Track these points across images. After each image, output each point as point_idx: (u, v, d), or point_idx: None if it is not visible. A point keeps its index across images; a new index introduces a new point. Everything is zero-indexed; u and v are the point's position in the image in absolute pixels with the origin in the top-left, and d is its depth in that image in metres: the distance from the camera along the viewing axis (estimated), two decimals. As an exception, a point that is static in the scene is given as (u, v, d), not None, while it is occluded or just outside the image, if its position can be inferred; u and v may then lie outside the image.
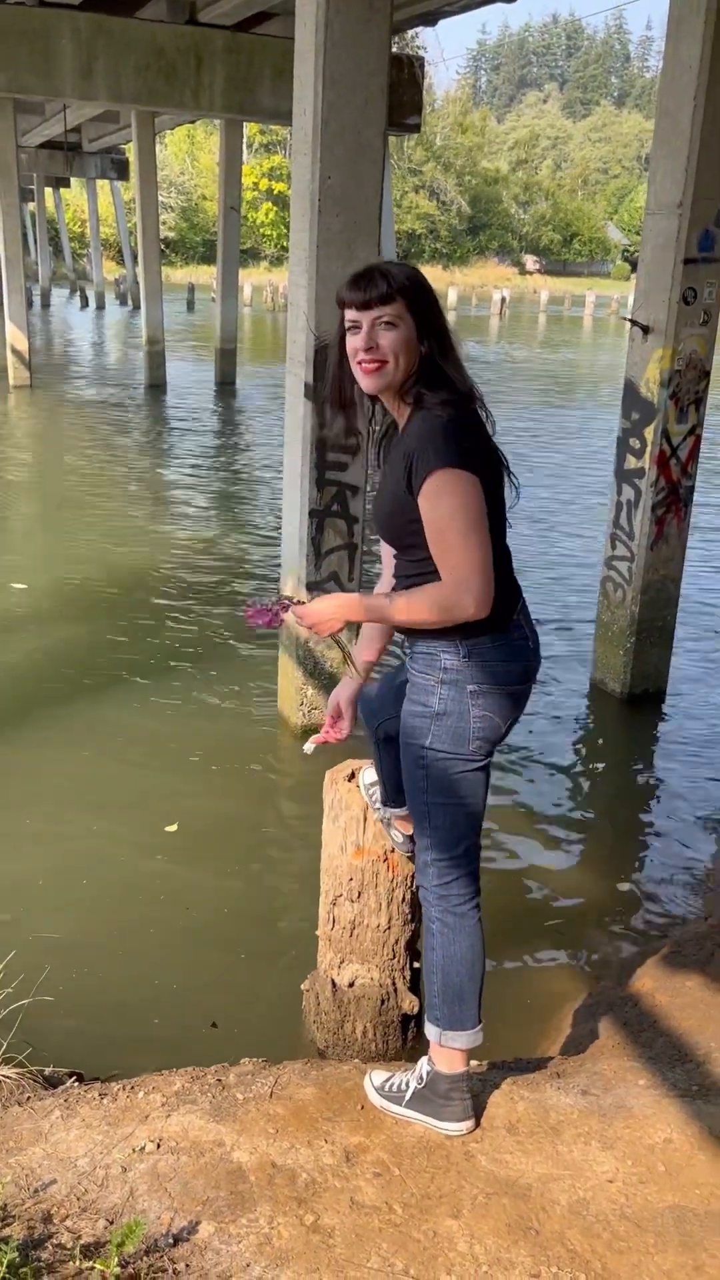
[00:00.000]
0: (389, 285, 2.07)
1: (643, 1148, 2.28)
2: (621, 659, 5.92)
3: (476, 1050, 2.36)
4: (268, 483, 11.58)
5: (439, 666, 2.18)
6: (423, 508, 2.05)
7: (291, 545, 5.22)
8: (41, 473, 11.81)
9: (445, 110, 66.95)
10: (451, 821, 2.25)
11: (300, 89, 4.59)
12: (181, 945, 3.67)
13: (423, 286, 2.12)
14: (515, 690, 2.22)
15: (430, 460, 2.02)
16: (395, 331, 2.08)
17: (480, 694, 2.17)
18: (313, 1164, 2.19)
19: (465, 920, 2.29)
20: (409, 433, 2.11)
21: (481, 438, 2.11)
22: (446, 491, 2.01)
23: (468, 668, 2.16)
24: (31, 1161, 2.19)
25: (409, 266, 2.16)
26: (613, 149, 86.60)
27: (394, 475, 2.13)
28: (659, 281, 5.33)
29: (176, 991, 3.44)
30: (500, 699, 2.19)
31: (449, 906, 2.29)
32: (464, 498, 2.01)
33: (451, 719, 2.18)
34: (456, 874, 2.28)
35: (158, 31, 14.82)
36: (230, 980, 3.51)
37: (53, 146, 29.65)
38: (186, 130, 54.81)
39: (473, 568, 2.01)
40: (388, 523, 2.21)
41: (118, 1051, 3.07)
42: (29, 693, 5.72)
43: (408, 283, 2.10)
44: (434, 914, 2.32)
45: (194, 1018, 3.31)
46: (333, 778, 2.91)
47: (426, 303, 2.11)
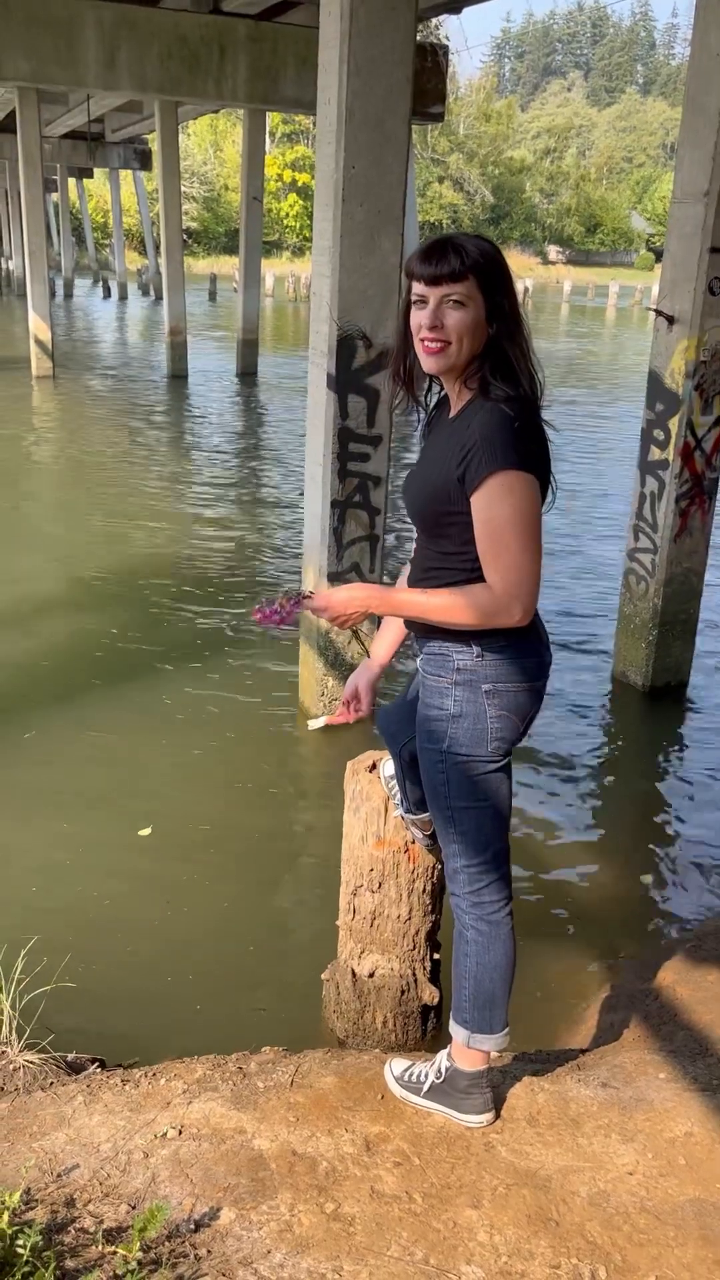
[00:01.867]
0: (462, 262, 1.96)
1: (663, 1140, 2.28)
2: (644, 652, 5.89)
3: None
4: (289, 473, 11.58)
5: (452, 667, 2.12)
6: (477, 505, 1.97)
7: (313, 536, 5.22)
8: (64, 462, 11.85)
9: (469, 99, 66.61)
10: (477, 825, 2.21)
11: (325, 78, 4.57)
12: (202, 934, 3.69)
13: (498, 265, 2.00)
14: (531, 687, 2.16)
15: (496, 458, 1.93)
16: (463, 312, 1.98)
17: (496, 693, 2.12)
18: (333, 1152, 2.20)
19: (499, 928, 2.26)
20: (469, 422, 2.00)
21: (543, 438, 2.03)
22: (509, 493, 1.93)
23: (481, 667, 2.10)
24: (55, 1146, 2.21)
25: (486, 241, 2.03)
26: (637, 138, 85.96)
27: (442, 461, 2.04)
28: (685, 271, 5.28)
29: (197, 979, 3.45)
30: (516, 697, 2.14)
31: (483, 914, 2.26)
32: (525, 502, 1.94)
33: (468, 720, 2.13)
34: (488, 879, 2.24)
35: (181, 20, 14.82)
36: (250, 969, 3.53)
37: (76, 137, 29.72)
38: (209, 120, 54.82)
39: (526, 575, 1.95)
40: (423, 508, 2.12)
41: (138, 1039, 3.08)
42: (52, 681, 5.75)
43: (481, 259, 1.98)
44: (468, 921, 2.28)
45: (214, 1005, 3.33)
46: (354, 769, 2.91)
47: (500, 283, 2.00)
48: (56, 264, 39.13)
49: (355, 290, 4.70)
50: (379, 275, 4.71)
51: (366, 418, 4.93)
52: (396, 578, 2.41)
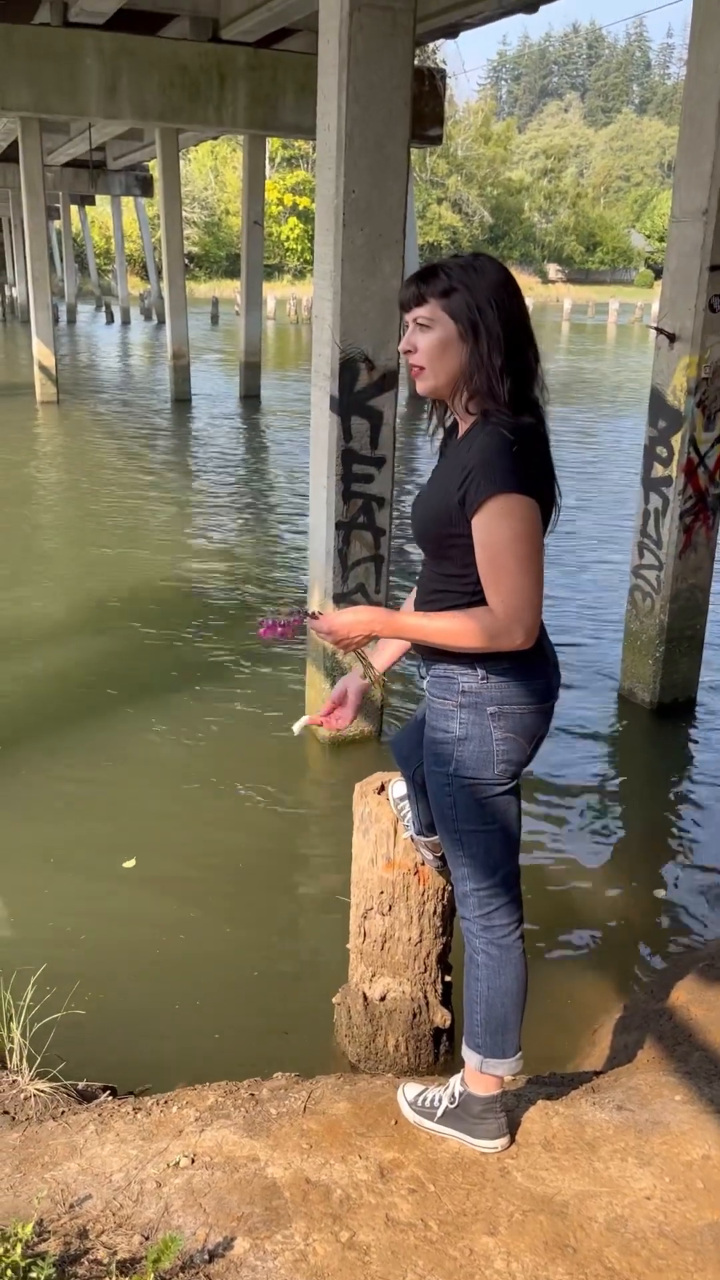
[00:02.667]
0: (418, 287, 2.00)
1: (680, 1164, 2.25)
2: (650, 668, 5.88)
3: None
4: (294, 494, 11.62)
5: (457, 689, 2.12)
6: (477, 529, 1.96)
7: (318, 557, 5.23)
8: (68, 487, 11.90)
9: (467, 121, 67.18)
10: (486, 848, 2.20)
11: (324, 104, 4.61)
12: (211, 959, 3.68)
13: (473, 284, 1.98)
14: (538, 708, 2.15)
15: (494, 481, 1.92)
16: (428, 335, 2.00)
17: (502, 715, 2.11)
18: (347, 1180, 2.18)
19: (510, 952, 2.24)
20: (471, 444, 2.00)
21: (546, 461, 2.02)
22: (508, 516, 1.92)
23: (486, 689, 2.10)
24: (67, 1177, 2.19)
25: (477, 260, 2.02)
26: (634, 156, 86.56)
27: (445, 484, 2.04)
28: (685, 289, 5.31)
29: (207, 1005, 3.44)
30: (522, 719, 2.13)
31: (494, 938, 2.24)
32: (525, 525, 1.93)
33: (474, 743, 2.12)
34: (498, 902, 2.23)
35: (181, 49, 14.99)
36: (261, 993, 3.51)
37: (78, 165, 30.00)
38: (210, 146, 55.30)
39: (527, 599, 1.94)
40: (426, 530, 2.12)
41: (150, 1066, 3.07)
42: (55, 706, 5.76)
43: (449, 283, 1.98)
44: (479, 945, 2.26)
45: (225, 1031, 3.31)
46: (362, 790, 2.90)
47: (478, 303, 1.97)
48: (60, 290, 39.45)
49: (357, 313, 4.72)
50: (380, 298, 4.74)
51: (370, 439, 4.95)
52: (403, 600, 2.42)
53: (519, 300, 2.03)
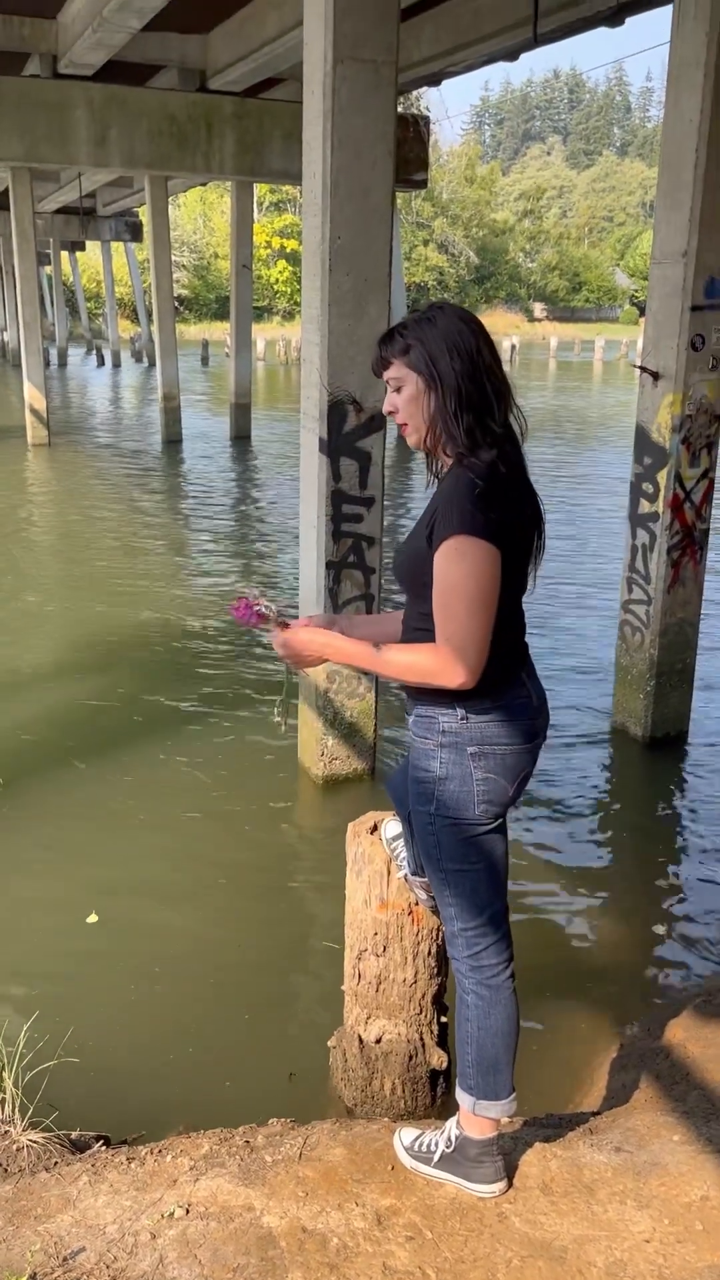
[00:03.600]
0: (380, 351, 2.09)
1: (679, 1206, 2.23)
2: (642, 703, 5.90)
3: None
4: (284, 534, 11.67)
5: (437, 729, 2.14)
6: (435, 566, 1.99)
7: (309, 596, 5.25)
8: (61, 529, 11.95)
9: (451, 165, 68.26)
10: (471, 888, 2.20)
11: (310, 153, 4.70)
12: (205, 1003, 3.65)
13: (425, 339, 2.03)
14: (520, 749, 2.16)
15: (452, 523, 1.96)
16: (402, 394, 2.08)
17: (482, 756, 2.12)
18: (344, 1228, 2.16)
19: (500, 992, 2.24)
20: (440, 488, 2.06)
21: (513, 501, 2.04)
22: (461, 558, 1.95)
23: (466, 729, 2.11)
24: (60, 1229, 2.17)
25: (425, 315, 2.07)
26: (617, 197, 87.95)
27: (420, 526, 2.09)
28: (667, 329, 5.39)
29: (202, 1049, 3.40)
30: (504, 759, 2.14)
31: (483, 978, 2.24)
32: (477, 567, 1.95)
33: (454, 783, 2.14)
34: (486, 942, 2.23)
35: (169, 99, 15.25)
36: (256, 1037, 3.48)
37: (68, 212, 30.43)
38: (198, 192, 56.04)
39: (470, 640, 1.96)
40: (404, 569, 2.17)
41: (144, 1112, 3.03)
42: (47, 748, 5.74)
43: (405, 341, 2.04)
44: (468, 985, 2.26)
45: (220, 1076, 3.28)
46: (355, 830, 2.90)
47: (435, 353, 2.02)
48: (51, 334, 39.78)
49: (344, 356, 4.78)
50: (367, 342, 4.80)
51: (359, 480, 5.00)
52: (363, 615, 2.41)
53: (479, 339, 2.06)
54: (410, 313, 2.15)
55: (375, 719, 5.37)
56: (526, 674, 2.19)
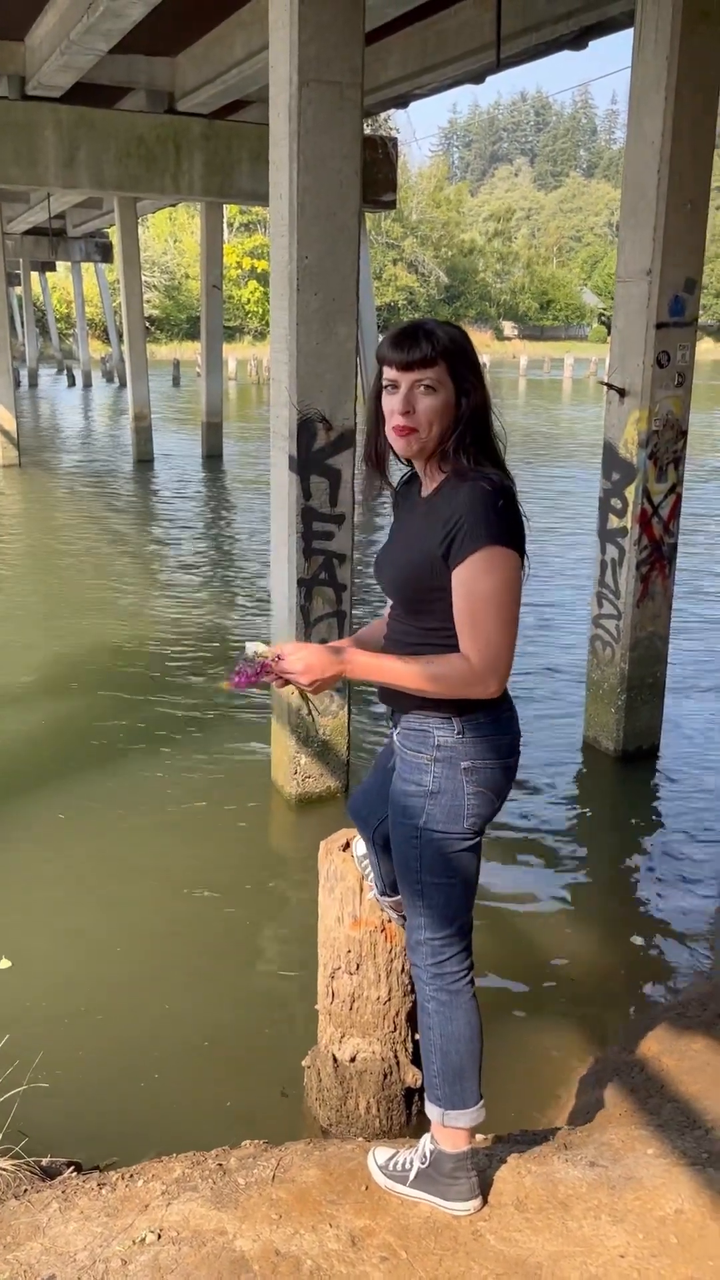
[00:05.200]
0: (433, 348, 1.99)
1: (654, 1220, 2.23)
2: (613, 716, 5.93)
3: (481, 1124, 2.32)
4: (256, 553, 11.67)
5: (432, 744, 2.13)
6: (459, 579, 1.98)
7: (280, 614, 5.25)
8: (32, 550, 11.88)
9: (419, 186, 68.86)
10: (445, 899, 2.21)
11: (276, 174, 4.73)
12: (177, 1025, 3.61)
13: (465, 351, 2.04)
14: (507, 764, 2.18)
15: (481, 535, 1.95)
16: (434, 397, 2.01)
17: (475, 770, 2.13)
18: (317, 1250, 2.14)
19: (460, 997, 2.25)
20: (451, 500, 2.02)
21: (521, 517, 2.05)
22: (493, 569, 1.96)
23: (462, 744, 2.12)
24: (30, 1257, 2.13)
25: (454, 327, 2.06)
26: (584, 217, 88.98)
27: (422, 539, 2.05)
28: (633, 346, 5.45)
29: (175, 1072, 3.37)
30: (493, 774, 2.16)
31: (443, 985, 2.25)
32: (509, 577, 1.97)
33: (446, 797, 2.14)
34: (450, 951, 2.24)
35: (137, 121, 15.30)
36: (229, 1058, 3.45)
37: (38, 233, 30.43)
38: (167, 212, 56.20)
39: (502, 649, 1.98)
40: (404, 583, 2.12)
41: (116, 1138, 3.00)
42: (15, 768, 5.69)
43: (451, 345, 2.01)
44: (429, 993, 2.27)
45: (193, 1099, 3.24)
46: (327, 848, 2.89)
47: (468, 367, 2.03)
48: (21, 354, 39.68)
49: (313, 375, 4.80)
50: (335, 360, 4.82)
51: (329, 497, 5.01)
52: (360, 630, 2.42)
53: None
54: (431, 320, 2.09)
55: (348, 737, 5.37)
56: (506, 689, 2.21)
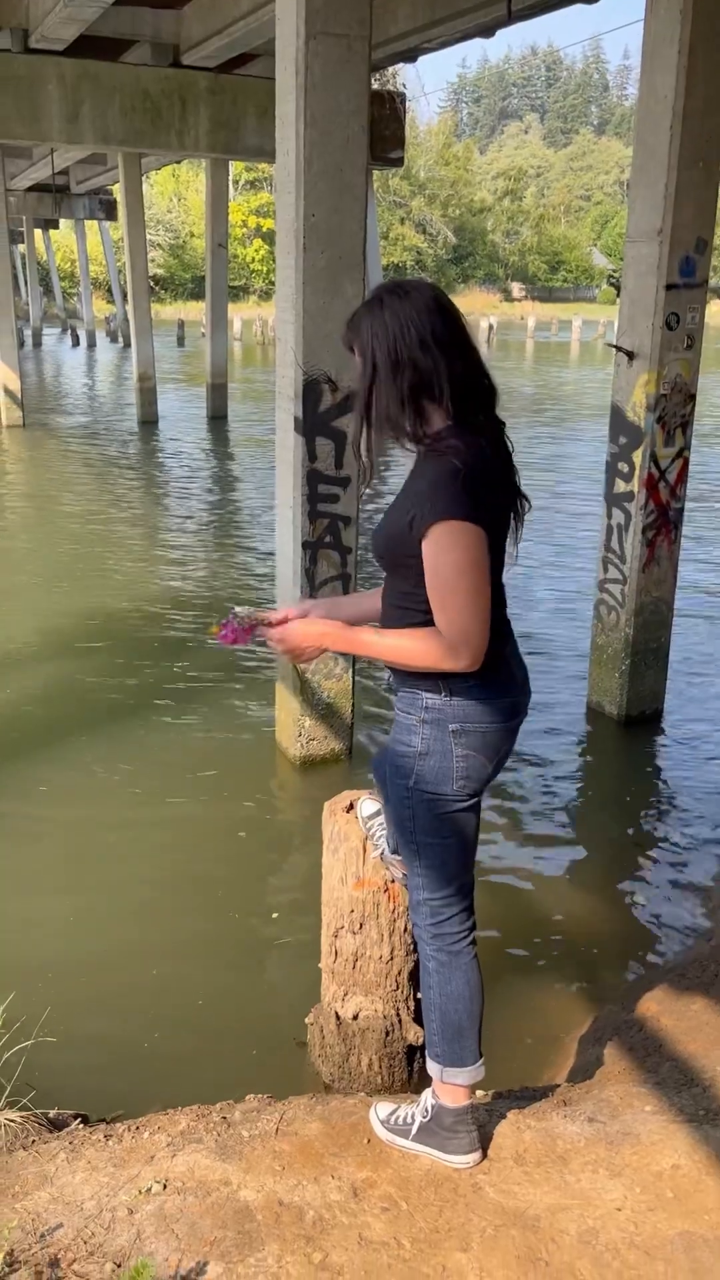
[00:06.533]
0: (349, 337, 2.07)
1: (650, 1174, 2.27)
2: (617, 681, 5.94)
3: (481, 1081, 2.35)
4: (261, 515, 11.64)
5: (421, 705, 2.15)
6: (425, 554, 2.00)
7: (285, 577, 5.25)
8: (36, 512, 11.86)
9: (427, 144, 67.83)
10: (441, 860, 2.23)
11: (282, 129, 4.66)
12: (182, 981, 3.66)
13: (357, 327, 2.04)
14: (501, 727, 2.18)
15: (438, 509, 1.96)
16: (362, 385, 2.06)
17: (463, 733, 2.14)
18: (320, 1200, 2.18)
19: (460, 958, 2.28)
20: (420, 472, 2.05)
21: (494, 482, 2.04)
22: (451, 544, 1.96)
23: (449, 707, 2.13)
24: (37, 1206, 2.18)
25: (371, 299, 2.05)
26: (594, 176, 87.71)
27: (401, 509, 2.07)
28: (642, 307, 5.39)
29: (179, 1028, 3.42)
30: (485, 737, 2.16)
31: (443, 945, 2.28)
32: (468, 551, 1.96)
33: (434, 758, 2.16)
34: (449, 912, 2.27)
35: (142, 75, 15.05)
36: (232, 1015, 3.50)
37: (41, 189, 30.01)
38: (171, 169, 55.49)
39: (471, 622, 1.98)
40: (382, 550, 2.16)
41: (122, 1092, 3.04)
42: (22, 730, 5.72)
43: (350, 328, 2.06)
44: (429, 952, 2.31)
45: (198, 1054, 3.29)
46: (331, 809, 2.91)
47: (371, 337, 2.01)
48: (25, 313, 39.33)
49: (319, 335, 4.76)
50: (342, 320, 4.72)
51: (334, 459, 4.98)
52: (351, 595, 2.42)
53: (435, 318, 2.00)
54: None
55: (353, 700, 5.38)
56: (510, 651, 2.21)
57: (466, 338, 2.05)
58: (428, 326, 1.99)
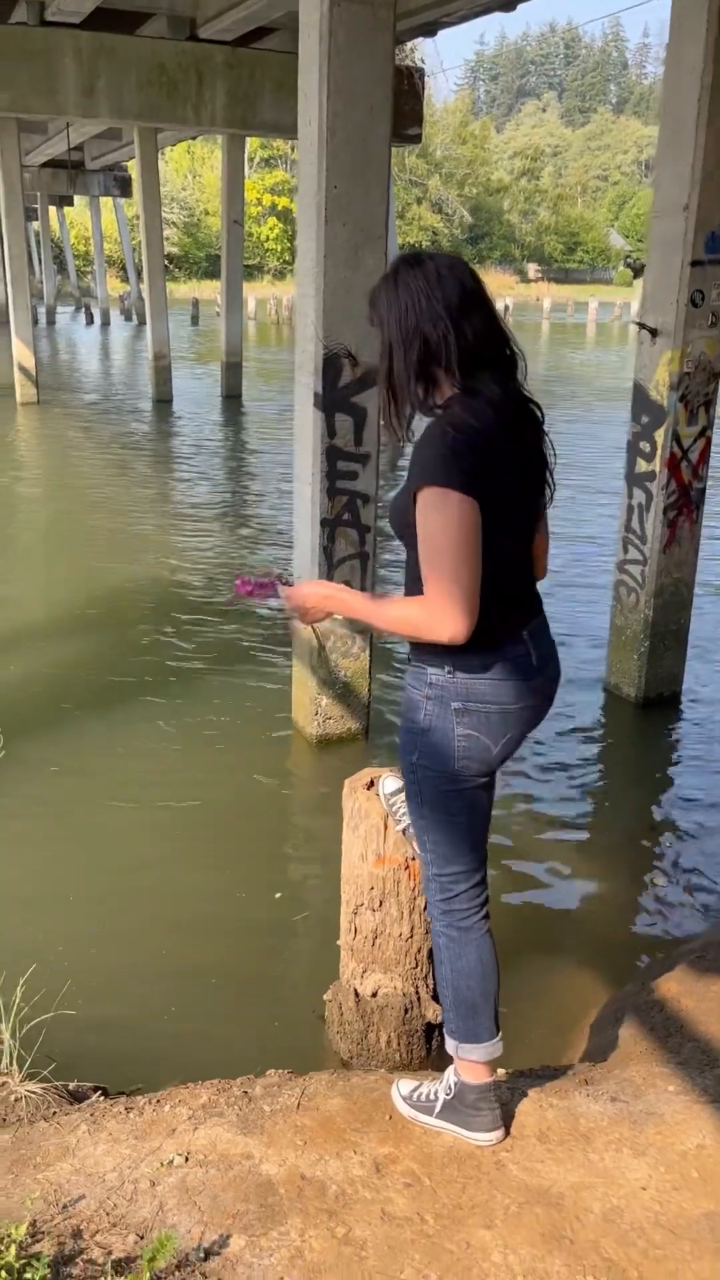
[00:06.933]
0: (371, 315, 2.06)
1: (675, 1154, 2.25)
2: (635, 664, 5.90)
3: (502, 1059, 2.34)
4: (277, 493, 11.60)
5: (426, 681, 2.12)
6: (416, 521, 1.99)
7: (303, 555, 5.21)
8: (51, 487, 11.84)
9: (444, 121, 67.22)
10: (447, 838, 2.21)
11: (305, 99, 4.60)
12: (200, 956, 3.66)
13: (375, 301, 2.04)
14: (508, 710, 2.11)
15: (422, 474, 1.94)
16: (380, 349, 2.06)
17: (466, 712, 2.09)
18: (342, 1175, 2.17)
19: (470, 934, 2.26)
20: (418, 440, 2.03)
21: (498, 450, 1.97)
22: (433, 510, 1.93)
23: (453, 684, 2.09)
24: (60, 1177, 2.17)
25: (388, 271, 2.04)
26: (612, 156, 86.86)
27: (406, 479, 2.06)
28: (667, 284, 5.32)
29: (198, 1003, 3.42)
30: (488, 718, 2.10)
31: (452, 921, 2.27)
32: (449, 519, 1.91)
33: (436, 735, 2.12)
34: (457, 890, 2.25)
35: (159, 48, 14.94)
36: (251, 991, 3.49)
37: (56, 165, 29.90)
38: (186, 146, 55.12)
39: (455, 593, 1.92)
40: (394, 520, 2.15)
41: (141, 1065, 3.04)
42: (40, 706, 5.72)
43: (370, 303, 2.06)
44: (439, 928, 2.30)
45: (216, 1029, 3.29)
46: (352, 786, 2.89)
47: (386, 310, 2.01)
48: (39, 291, 39.23)
49: (340, 309, 4.71)
50: (364, 293, 4.66)
51: (354, 436, 4.94)
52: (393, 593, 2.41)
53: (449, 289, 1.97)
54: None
55: (370, 679, 5.36)
56: (530, 632, 2.16)
57: (480, 304, 2.01)
58: (438, 295, 1.96)
